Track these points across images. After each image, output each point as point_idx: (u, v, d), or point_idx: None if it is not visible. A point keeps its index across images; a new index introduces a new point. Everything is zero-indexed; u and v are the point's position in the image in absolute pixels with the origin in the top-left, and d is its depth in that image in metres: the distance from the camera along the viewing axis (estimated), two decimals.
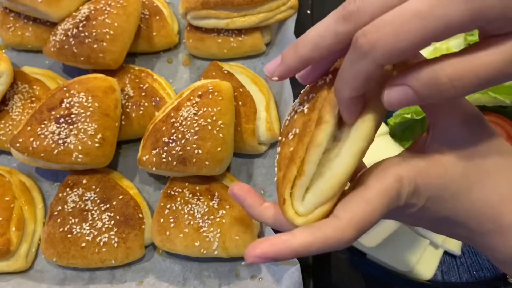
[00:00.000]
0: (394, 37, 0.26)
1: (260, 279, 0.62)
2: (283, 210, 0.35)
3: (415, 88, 0.28)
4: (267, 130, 0.69)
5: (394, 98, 0.29)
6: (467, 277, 0.62)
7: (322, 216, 0.34)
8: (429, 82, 0.28)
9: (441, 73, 0.27)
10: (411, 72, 0.28)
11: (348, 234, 0.32)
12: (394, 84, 0.29)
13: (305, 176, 0.33)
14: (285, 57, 0.34)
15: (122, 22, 0.72)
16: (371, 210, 0.32)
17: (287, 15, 0.77)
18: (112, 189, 0.66)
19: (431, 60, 0.28)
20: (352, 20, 0.29)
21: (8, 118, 0.71)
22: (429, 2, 0.26)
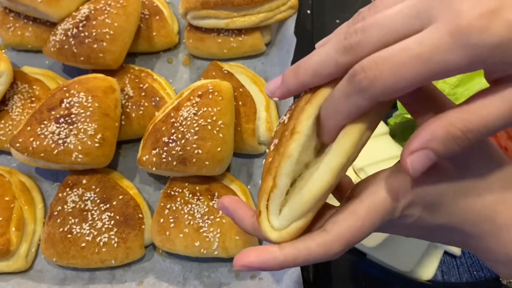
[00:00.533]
0: (393, 77, 0.27)
1: (260, 279, 0.62)
2: (258, 222, 0.34)
3: (435, 149, 0.29)
4: (267, 130, 0.69)
5: (419, 166, 0.30)
6: (467, 277, 0.62)
7: (297, 232, 0.33)
8: (445, 139, 0.28)
9: (453, 129, 0.28)
10: (425, 134, 0.29)
11: (334, 248, 0.33)
12: (412, 150, 0.29)
13: (278, 189, 0.32)
14: (285, 79, 0.34)
15: (122, 22, 0.72)
16: (360, 225, 0.32)
17: (287, 15, 0.77)
18: (112, 189, 0.66)
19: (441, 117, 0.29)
20: (353, 53, 0.29)
21: (8, 118, 0.71)
22: (429, 47, 0.26)
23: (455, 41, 0.25)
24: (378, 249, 0.61)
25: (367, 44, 0.29)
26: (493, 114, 0.28)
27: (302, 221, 0.33)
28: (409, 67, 0.27)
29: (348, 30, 0.30)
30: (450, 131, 0.28)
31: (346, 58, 0.30)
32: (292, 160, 0.32)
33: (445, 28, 0.26)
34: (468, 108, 0.28)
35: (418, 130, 0.30)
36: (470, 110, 0.28)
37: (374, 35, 0.28)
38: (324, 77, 0.32)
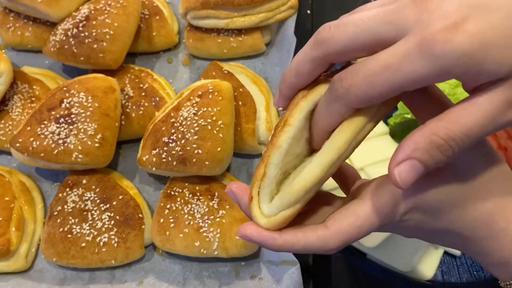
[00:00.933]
0: (365, 86, 0.29)
1: (260, 279, 0.62)
2: (249, 207, 0.36)
3: (419, 158, 0.30)
4: (267, 130, 0.69)
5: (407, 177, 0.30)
6: (467, 277, 0.62)
7: (284, 220, 0.34)
8: (429, 148, 0.29)
9: (435, 138, 0.29)
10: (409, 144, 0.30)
11: (331, 244, 0.34)
12: (398, 161, 0.30)
13: (267, 178, 0.34)
14: (280, 88, 0.37)
15: (122, 22, 0.72)
16: (359, 225, 0.34)
17: (287, 15, 0.77)
18: (112, 189, 0.66)
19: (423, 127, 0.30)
20: (324, 46, 0.31)
21: (8, 118, 0.71)
22: (398, 58, 0.28)
23: (421, 52, 0.27)
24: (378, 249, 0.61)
25: (339, 39, 0.30)
26: (472, 122, 0.28)
27: (290, 211, 0.34)
28: (380, 77, 0.28)
29: (324, 26, 0.31)
30: (433, 140, 0.29)
31: (318, 52, 0.32)
32: (281, 151, 0.33)
33: (413, 40, 0.27)
34: (449, 117, 0.29)
35: (402, 142, 0.30)
36: (451, 119, 0.29)
37: (349, 31, 0.30)
38: (305, 75, 0.34)
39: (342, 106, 0.31)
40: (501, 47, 0.26)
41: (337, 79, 0.31)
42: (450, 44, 0.26)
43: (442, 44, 0.26)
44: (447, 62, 0.26)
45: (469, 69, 0.27)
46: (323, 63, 0.32)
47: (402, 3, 0.29)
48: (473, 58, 0.26)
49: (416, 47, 0.27)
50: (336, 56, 0.32)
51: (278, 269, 0.61)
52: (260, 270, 0.63)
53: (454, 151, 0.29)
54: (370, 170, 0.65)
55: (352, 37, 0.30)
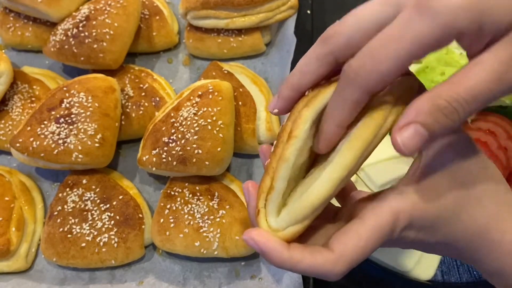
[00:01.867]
0: (373, 61, 0.29)
1: (260, 279, 0.62)
2: (256, 221, 0.35)
3: (423, 122, 0.29)
4: (267, 130, 0.69)
5: (410, 142, 0.29)
6: (467, 277, 0.62)
7: (292, 236, 0.33)
8: (432, 110, 0.28)
9: (439, 100, 0.28)
10: (412, 109, 0.29)
11: (338, 268, 0.33)
12: (400, 126, 0.29)
13: (275, 192, 0.33)
14: (279, 91, 0.36)
15: (122, 22, 0.72)
16: (363, 245, 0.33)
17: (287, 15, 0.77)
18: (112, 189, 0.66)
19: (427, 92, 0.30)
20: (330, 43, 0.31)
21: (8, 118, 0.71)
22: (399, 26, 0.28)
23: (420, 13, 0.27)
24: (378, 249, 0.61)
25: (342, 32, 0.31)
26: (476, 82, 0.28)
27: (298, 227, 0.33)
28: (386, 49, 0.28)
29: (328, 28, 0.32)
30: (436, 102, 0.28)
31: (324, 49, 0.32)
32: (289, 164, 0.33)
33: (410, 7, 0.28)
34: (452, 80, 0.29)
35: (406, 108, 0.30)
36: (455, 81, 0.29)
37: (351, 23, 0.30)
38: (309, 74, 0.33)
39: (354, 90, 0.30)
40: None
41: (346, 66, 0.30)
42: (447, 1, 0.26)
43: (439, 2, 0.26)
44: (447, 16, 0.26)
45: (471, 22, 0.27)
46: (328, 60, 0.32)
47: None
48: (472, 9, 0.26)
49: (414, 10, 0.27)
50: (343, 50, 0.31)
51: (278, 269, 0.61)
52: (260, 270, 0.63)
53: (459, 115, 0.29)
54: (370, 170, 0.65)
55: (354, 27, 0.30)
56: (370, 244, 0.33)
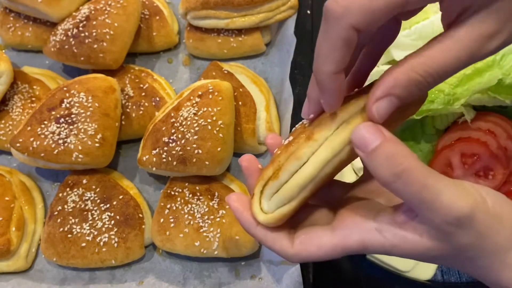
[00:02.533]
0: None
1: (260, 279, 0.62)
2: (250, 203, 0.37)
3: (397, 94, 0.31)
4: (267, 130, 0.69)
5: (383, 111, 0.31)
6: (467, 277, 0.62)
7: (280, 217, 0.36)
8: (407, 84, 0.30)
9: (414, 74, 0.30)
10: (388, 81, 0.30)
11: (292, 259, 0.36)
12: (377, 97, 0.31)
13: (278, 181, 0.35)
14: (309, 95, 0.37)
15: (122, 22, 0.72)
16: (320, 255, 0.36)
17: (287, 15, 0.77)
18: (112, 189, 0.66)
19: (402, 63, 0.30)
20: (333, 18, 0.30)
21: (8, 118, 0.71)
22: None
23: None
24: None
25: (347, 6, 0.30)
26: (449, 58, 0.29)
27: (287, 208, 0.36)
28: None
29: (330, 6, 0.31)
30: (411, 76, 0.30)
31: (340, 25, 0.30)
32: (300, 162, 0.35)
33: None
34: (427, 54, 0.30)
35: (382, 77, 0.31)
36: (429, 55, 0.30)
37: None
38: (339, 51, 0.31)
39: (343, 28, 0.29)
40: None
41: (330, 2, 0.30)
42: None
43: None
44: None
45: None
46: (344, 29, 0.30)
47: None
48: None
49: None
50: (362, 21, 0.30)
51: (278, 269, 0.61)
52: (260, 270, 0.63)
53: (430, 86, 0.30)
54: None
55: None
56: (327, 256, 0.35)
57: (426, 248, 0.32)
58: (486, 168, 0.64)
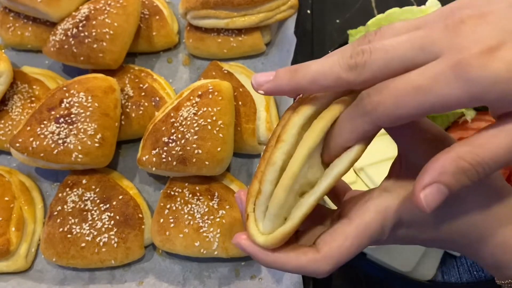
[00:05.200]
0: (394, 104, 0.29)
1: (260, 279, 0.62)
2: (246, 226, 0.35)
3: (446, 182, 0.29)
4: (267, 130, 0.69)
5: (433, 201, 0.29)
6: (468, 277, 0.62)
7: (282, 238, 0.34)
8: (455, 172, 0.29)
9: (462, 162, 0.28)
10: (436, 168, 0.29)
11: (323, 267, 0.34)
12: (424, 185, 0.29)
13: (262, 195, 0.33)
14: (279, 77, 0.34)
15: (122, 22, 0.72)
16: (348, 245, 0.34)
17: (287, 15, 0.77)
18: (112, 189, 0.66)
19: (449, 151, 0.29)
20: (357, 72, 0.30)
21: (7, 118, 0.71)
22: (430, 80, 0.27)
23: (455, 75, 0.26)
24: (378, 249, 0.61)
25: (371, 66, 0.30)
26: (500, 148, 0.28)
27: (288, 227, 0.33)
28: (410, 97, 0.28)
29: (354, 49, 0.31)
30: (459, 164, 0.29)
31: (349, 75, 0.31)
32: (275, 168, 0.33)
33: (446, 62, 0.27)
34: (476, 142, 0.29)
35: (428, 164, 0.30)
36: (478, 143, 0.29)
37: (380, 58, 0.29)
38: (321, 87, 0.32)
39: (366, 123, 0.31)
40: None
41: (365, 95, 0.30)
42: (485, 69, 0.26)
43: (478, 69, 0.26)
44: (481, 87, 0.26)
45: (503, 96, 0.27)
46: (346, 86, 0.32)
47: (433, 28, 0.28)
48: (508, 84, 0.26)
49: (450, 70, 0.27)
50: (365, 82, 0.31)
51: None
52: (260, 270, 0.63)
53: (479, 176, 0.29)
54: (370, 170, 0.65)
55: (383, 65, 0.29)
56: (356, 244, 0.34)
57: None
58: None
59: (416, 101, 0.28)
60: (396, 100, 0.29)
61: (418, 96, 0.28)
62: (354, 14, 0.87)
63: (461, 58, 0.26)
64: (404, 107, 0.28)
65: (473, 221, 0.35)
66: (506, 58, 0.26)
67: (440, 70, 0.27)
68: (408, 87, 0.28)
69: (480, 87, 0.26)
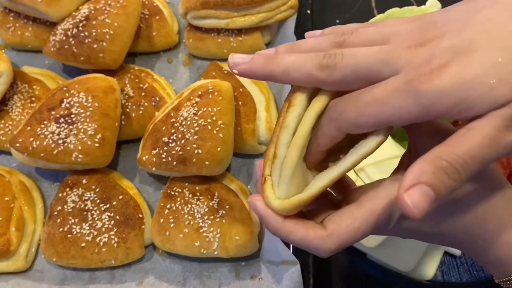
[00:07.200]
0: (355, 113, 0.32)
1: (260, 279, 0.62)
2: (262, 189, 0.36)
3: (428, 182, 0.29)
4: (267, 130, 0.69)
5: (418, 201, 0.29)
6: (467, 277, 0.62)
7: (297, 205, 0.34)
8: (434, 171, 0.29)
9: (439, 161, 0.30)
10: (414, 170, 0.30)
11: (328, 245, 0.35)
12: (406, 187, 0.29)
13: (278, 159, 0.35)
14: (255, 61, 0.36)
15: (122, 22, 0.72)
16: (356, 227, 0.35)
17: (287, 15, 0.77)
18: (112, 189, 0.66)
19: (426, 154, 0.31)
20: (327, 72, 0.33)
21: (8, 118, 0.71)
22: (388, 93, 0.30)
23: (407, 90, 0.30)
24: (378, 249, 0.61)
25: (341, 70, 0.32)
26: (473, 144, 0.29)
27: (306, 195, 0.34)
28: (369, 108, 0.31)
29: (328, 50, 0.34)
30: (437, 163, 0.29)
31: (320, 74, 0.33)
32: (289, 130, 0.35)
33: (403, 78, 0.30)
34: (450, 142, 0.30)
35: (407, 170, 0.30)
36: (452, 143, 0.30)
37: (349, 64, 0.32)
38: (292, 79, 0.35)
39: (333, 129, 0.34)
40: (479, 85, 0.28)
41: (332, 104, 0.34)
42: (432, 84, 0.29)
43: (426, 84, 0.29)
44: (428, 100, 0.29)
45: (451, 107, 0.29)
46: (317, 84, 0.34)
47: (399, 46, 0.31)
48: (453, 96, 0.28)
49: (403, 85, 0.30)
50: (334, 85, 0.33)
51: (278, 269, 0.61)
52: (260, 270, 0.63)
53: (461, 175, 0.29)
54: (370, 170, 0.65)
55: (351, 72, 0.32)
56: (363, 227, 0.35)
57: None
58: None
59: (374, 112, 0.31)
60: (357, 109, 0.32)
61: (376, 107, 0.31)
62: (354, 14, 0.87)
63: (414, 75, 0.29)
64: (363, 115, 0.32)
65: (477, 218, 0.35)
66: (450, 73, 0.28)
67: (396, 85, 0.30)
68: (368, 99, 0.31)
69: (428, 100, 0.29)
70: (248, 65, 0.36)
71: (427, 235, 0.38)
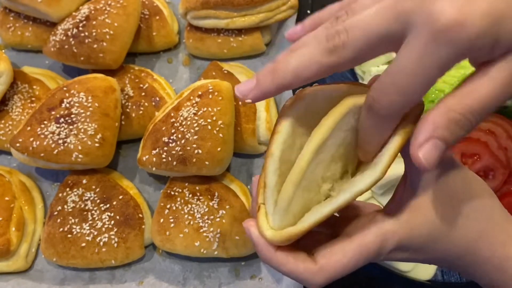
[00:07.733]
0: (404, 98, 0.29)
1: (260, 279, 0.62)
2: (256, 216, 0.35)
3: (441, 136, 0.29)
4: (267, 130, 0.69)
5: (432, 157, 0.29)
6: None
7: (289, 237, 0.34)
8: (448, 124, 0.29)
9: (452, 113, 0.29)
10: (428, 124, 0.30)
11: (317, 279, 0.35)
12: (420, 143, 0.29)
13: (268, 188, 0.34)
14: (261, 82, 0.33)
15: (122, 22, 0.72)
16: (345, 263, 0.35)
17: (287, 15, 0.77)
18: (112, 189, 0.66)
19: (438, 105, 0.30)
20: (338, 54, 0.30)
21: (8, 118, 0.71)
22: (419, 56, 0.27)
23: (438, 42, 0.27)
24: None
25: (351, 46, 0.30)
26: (486, 94, 0.29)
27: (298, 229, 0.33)
28: (414, 85, 0.28)
29: (329, 32, 0.30)
30: (450, 116, 0.29)
31: (331, 59, 0.30)
32: (274, 158, 0.33)
33: (425, 33, 0.27)
34: (462, 92, 0.29)
35: (420, 123, 0.30)
36: (464, 93, 0.29)
37: (358, 36, 0.29)
38: (305, 79, 0.32)
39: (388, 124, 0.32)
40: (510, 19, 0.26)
41: (372, 102, 0.31)
42: (463, 27, 0.26)
43: (456, 30, 0.26)
44: (464, 45, 0.27)
45: (485, 46, 0.27)
46: (330, 71, 0.31)
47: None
48: (488, 34, 0.26)
49: (430, 39, 0.27)
50: (348, 64, 0.31)
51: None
52: (260, 270, 0.63)
53: (472, 124, 0.29)
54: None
55: (364, 42, 0.29)
56: (353, 262, 0.35)
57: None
58: (486, 168, 0.64)
59: (419, 84, 0.28)
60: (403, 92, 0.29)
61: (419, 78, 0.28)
62: None
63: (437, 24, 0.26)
64: (411, 93, 0.29)
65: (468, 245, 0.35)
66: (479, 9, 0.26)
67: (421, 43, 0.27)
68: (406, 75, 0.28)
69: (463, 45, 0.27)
70: (257, 89, 0.34)
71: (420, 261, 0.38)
